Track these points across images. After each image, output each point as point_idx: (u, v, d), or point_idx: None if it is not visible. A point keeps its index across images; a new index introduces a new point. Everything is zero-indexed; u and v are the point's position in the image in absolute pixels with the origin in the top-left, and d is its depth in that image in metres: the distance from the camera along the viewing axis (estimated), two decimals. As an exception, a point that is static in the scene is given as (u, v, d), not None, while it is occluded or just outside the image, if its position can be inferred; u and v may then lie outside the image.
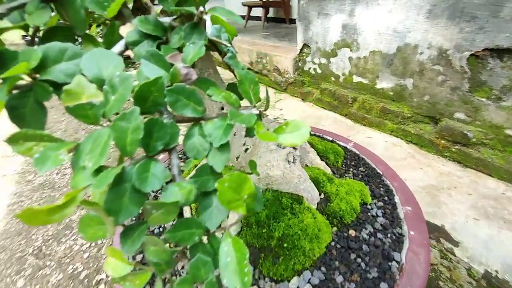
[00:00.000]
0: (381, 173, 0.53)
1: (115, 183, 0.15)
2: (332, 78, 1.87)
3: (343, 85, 1.82)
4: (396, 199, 0.48)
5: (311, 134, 0.69)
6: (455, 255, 0.91)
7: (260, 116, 0.20)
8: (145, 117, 0.15)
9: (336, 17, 1.69)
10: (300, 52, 2.03)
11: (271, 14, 4.89)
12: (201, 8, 0.19)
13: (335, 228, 0.40)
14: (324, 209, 0.42)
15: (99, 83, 0.14)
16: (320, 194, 0.44)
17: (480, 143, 1.25)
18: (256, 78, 0.26)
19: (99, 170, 0.14)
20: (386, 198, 0.48)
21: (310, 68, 2.00)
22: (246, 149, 0.46)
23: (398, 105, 1.54)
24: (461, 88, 1.25)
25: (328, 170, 0.49)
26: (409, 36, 1.38)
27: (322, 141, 0.58)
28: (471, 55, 1.16)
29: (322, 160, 0.51)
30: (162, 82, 0.15)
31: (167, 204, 0.14)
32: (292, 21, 3.79)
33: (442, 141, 1.38)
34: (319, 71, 1.95)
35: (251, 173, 0.41)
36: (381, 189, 0.50)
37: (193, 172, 0.18)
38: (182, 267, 0.34)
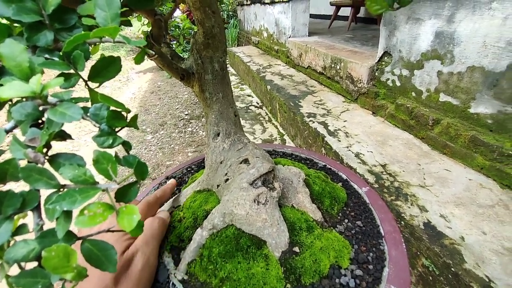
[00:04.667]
0: (383, 234, 0.43)
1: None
2: (413, 94, 1.61)
3: (425, 103, 1.54)
4: (385, 272, 0.37)
5: (320, 168, 0.61)
6: None
7: (124, 195, 0.20)
8: None
9: (430, 23, 1.43)
10: (379, 61, 1.82)
11: (361, 13, 4.50)
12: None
13: (289, 286, 0.35)
14: (286, 261, 0.37)
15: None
16: (290, 243, 0.39)
17: None
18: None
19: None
20: (370, 267, 0.37)
21: (387, 80, 1.77)
22: (226, 180, 0.46)
23: (497, 138, 1.21)
24: None
25: (317, 216, 0.43)
26: (530, 51, 1.06)
27: (325, 180, 0.51)
28: None
29: (314, 203, 0.45)
30: (15, 162, 0.18)
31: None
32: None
33: (558, 196, 1.02)
34: (398, 83, 1.70)
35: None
36: (371, 254, 0.39)
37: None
38: None
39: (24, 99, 0.20)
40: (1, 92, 0.15)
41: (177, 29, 0.77)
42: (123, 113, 0.22)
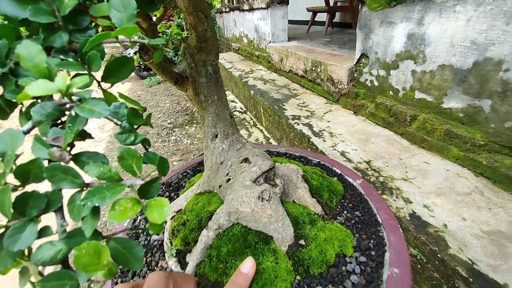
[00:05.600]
0: (380, 222, 0.45)
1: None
2: (390, 92, 1.69)
3: (402, 100, 1.63)
4: (386, 256, 0.39)
5: (314, 164, 0.63)
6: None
7: (149, 189, 0.20)
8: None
9: (402, 26, 1.52)
10: (357, 62, 1.90)
11: (337, 19, 4.69)
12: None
13: (298, 277, 0.36)
14: (294, 254, 0.38)
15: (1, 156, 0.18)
16: (295, 237, 0.41)
17: None
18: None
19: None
20: (373, 253, 0.40)
21: (366, 80, 1.86)
22: (228, 180, 0.47)
23: (468, 130, 1.31)
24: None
25: (318, 209, 0.45)
26: (492, 49, 1.16)
27: (322, 175, 0.53)
28: None
29: (313, 197, 0.47)
30: (39, 162, 0.18)
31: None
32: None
33: (525, 180, 1.12)
34: (376, 83, 1.79)
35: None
36: (372, 241, 0.42)
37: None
38: None
39: (39, 100, 0.20)
40: (29, 90, 0.15)
41: (164, 35, 0.77)
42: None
